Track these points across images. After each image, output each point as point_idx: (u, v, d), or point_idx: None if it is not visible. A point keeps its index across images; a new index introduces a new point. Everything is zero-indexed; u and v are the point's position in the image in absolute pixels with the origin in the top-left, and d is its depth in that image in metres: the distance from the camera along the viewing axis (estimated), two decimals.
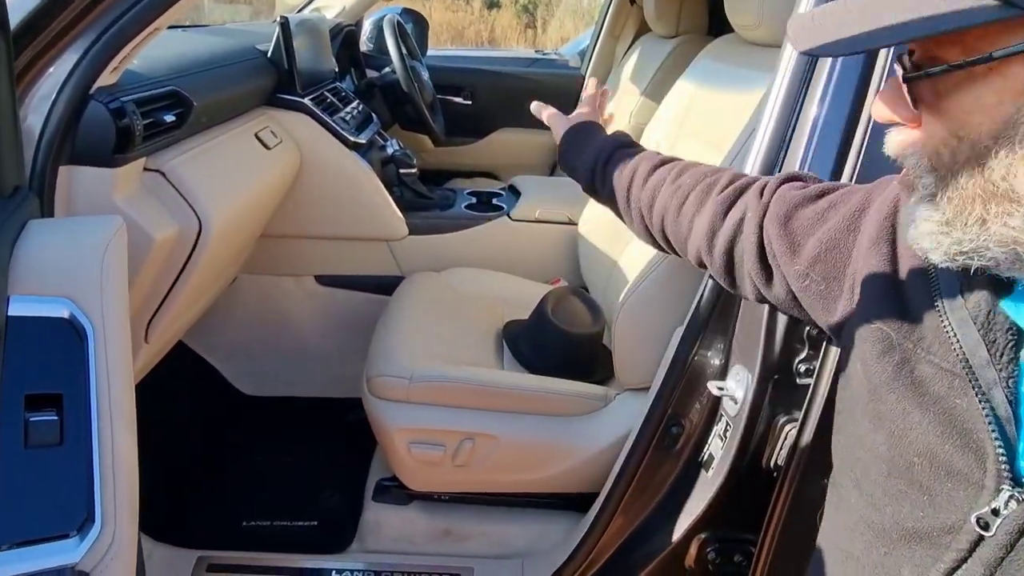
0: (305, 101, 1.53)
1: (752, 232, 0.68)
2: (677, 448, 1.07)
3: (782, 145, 0.92)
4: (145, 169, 1.02)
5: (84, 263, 0.63)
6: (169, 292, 1.11)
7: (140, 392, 0.73)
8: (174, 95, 1.06)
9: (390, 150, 1.80)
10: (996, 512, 0.42)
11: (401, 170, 1.77)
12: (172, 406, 1.59)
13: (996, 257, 0.40)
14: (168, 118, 1.02)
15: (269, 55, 1.50)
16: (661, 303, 1.12)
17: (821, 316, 0.63)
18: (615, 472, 1.12)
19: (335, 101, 1.69)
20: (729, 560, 1.07)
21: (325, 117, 1.55)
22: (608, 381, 1.33)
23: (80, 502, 0.60)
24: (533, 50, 3.32)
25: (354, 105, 1.79)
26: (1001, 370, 0.44)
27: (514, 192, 1.89)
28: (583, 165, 0.91)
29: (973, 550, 0.44)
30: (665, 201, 0.79)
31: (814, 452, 0.91)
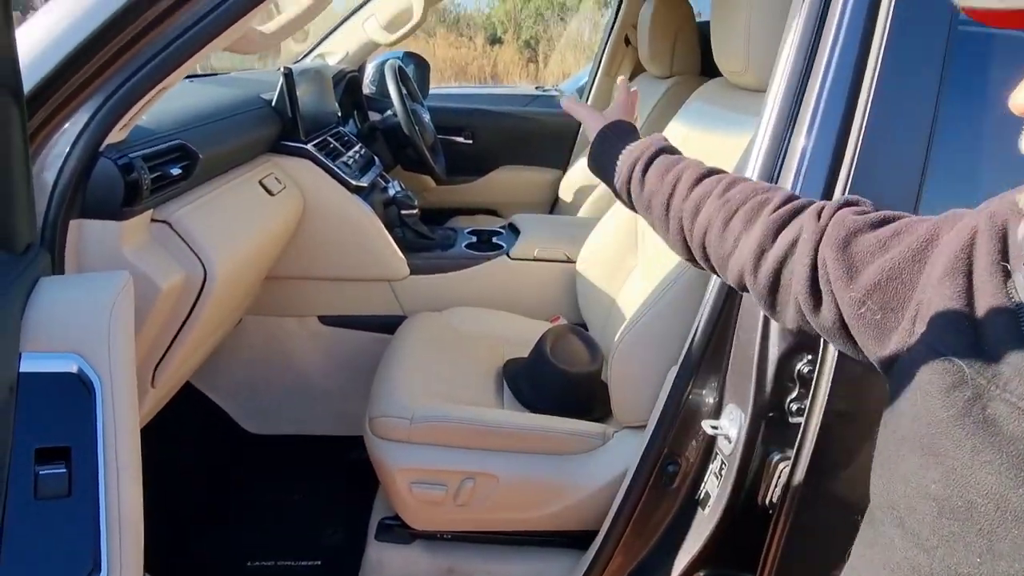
0: (308, 147, 1.57)
1: (806, 254, 0.65)
2: (674, 486, 1.08)
3: (771, 179, 0.95)
4: (152, 220, 1.06)
5: (93, 320, 0.66)
6: (175, 338, 1.14)
7: (144, 431, 0.75)
8: (181, 148, 1.10)
9: (392, 191, 1.84)
10: None
11: (402, 211, 1.81)
12: (177, 445, 1.60)
13: None
14: (175, 171, 1.06)
15: (273, 104, 1.55)
16: (656, 342, 1.14)
17: (872, 347, 0.60)
18: (613, 510, 1.13)
19: (338, 146, 1.74)
20: None
21: (328, 162, 1.59)
22: (607, 419, 1.34)
23: (87, 552, 0.62)
24: (534, 86, 3.40)
25: (356, 149, 1.84)
26: None
27: (513, 230, 1.93)
28: (619, 167, 0.86)
29: None
30: (710, 214, 0.75)
31: (807, 489, 0.92)
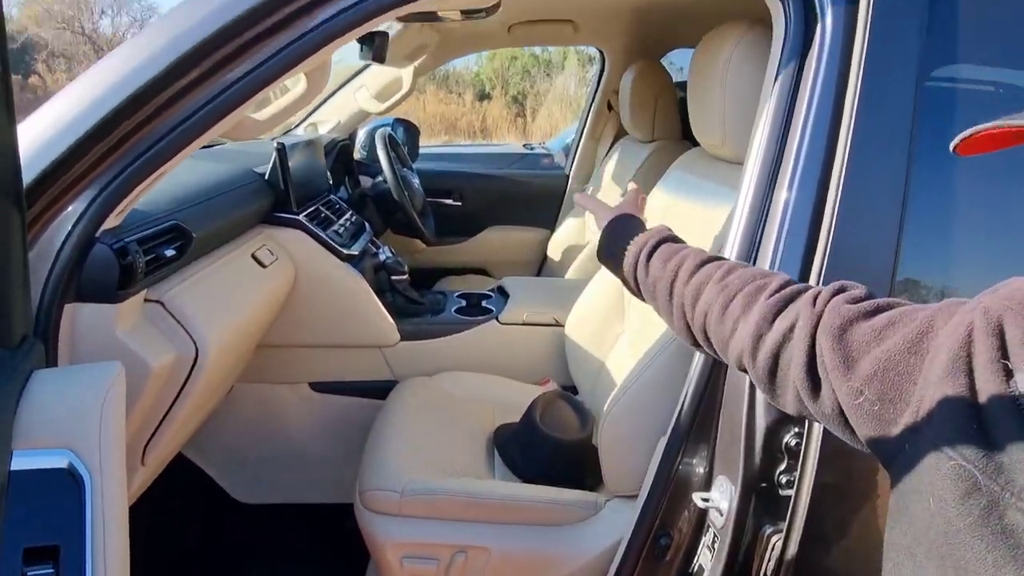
0: (300, 218, 1.60)
1: (803, 340, 0.66)
2: (667, 559, 1.07)
3: (753, 242, 0.98)
4: (145, 300, 1.07)
5: (84, 415, 0.66)
6: (166, 416, 1.14)
7: (132, 504, 0.74)
8: (175, 229, 1.12)
9: (382, 257, 1.87)
10: None
11: (393, 277, 1.83)
12: (165, 515, 1.58)
13: None
14: (169, 252, 1.08)
15: (267, 177, 1.58)
16: (645, 412, 1.15)
17: (871, 438, 0.59)
18: None
19: (329, 215, 1.77)
20: None
21: (319, 232, 1.62)
22: (599, 487, 1.34)
23: None
24: (522, 144, 3.48)
25: (347, 216, 1.88)
26: None
27: (503, 294, 1.95)
28: (625, 256, 0.89)
29: None
30: (710, 299, 0.77)
31: (800, 563, 0.92)
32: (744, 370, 0.74)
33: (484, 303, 1.91)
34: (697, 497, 1.00)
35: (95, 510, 0.65)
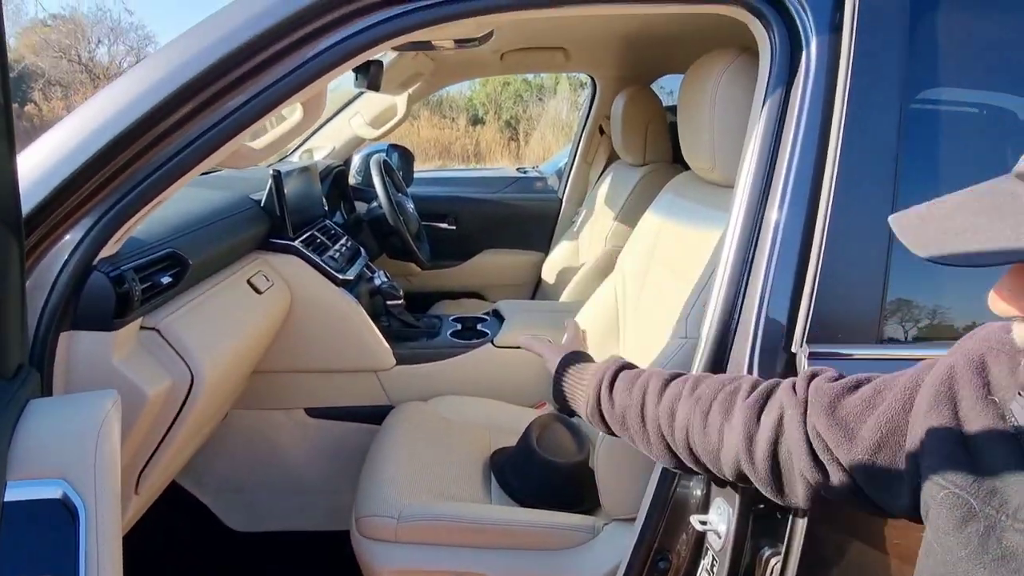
0: (296, 244, 1.61)
1: (796, 429, 0.66)
2: None
3: (745, 264, 0.99)
4: (142, 327, 1.07)
5: (79, 445, 0.66)
6: (161, 443, 1.13)
7: (125, 534, 0.73)
8: (171, 256, 1.12)
9: (377, 281, 1.88)
10: None
11: (388, 301, 1.84)
12: (158, 545, 1.56)
13: None
14: (165, 280, 1.08)
15: (262, 204, 1.59)
16: None
17: (889, 502, 0.60)
18: None
19: (325, 240, 1.78)
20: None
21: (315, 257, 1.63)
22: (596, 510, 1.33)
23: None
24: (515, 168, 3.52)
25: (343, 242, 1.89)
26: None
27: (498, 317, 1.96)
28: (586, 392, 0.88)
29: None
30: (687, 414, 0.76)
31: None
32: (744, 479, 0.73)
33: (479, 326, 1.91)
34: (695, 520, 1.00)
35: (89, 541, 0.64)
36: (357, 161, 2.61)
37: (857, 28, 0.93)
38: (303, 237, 1.67)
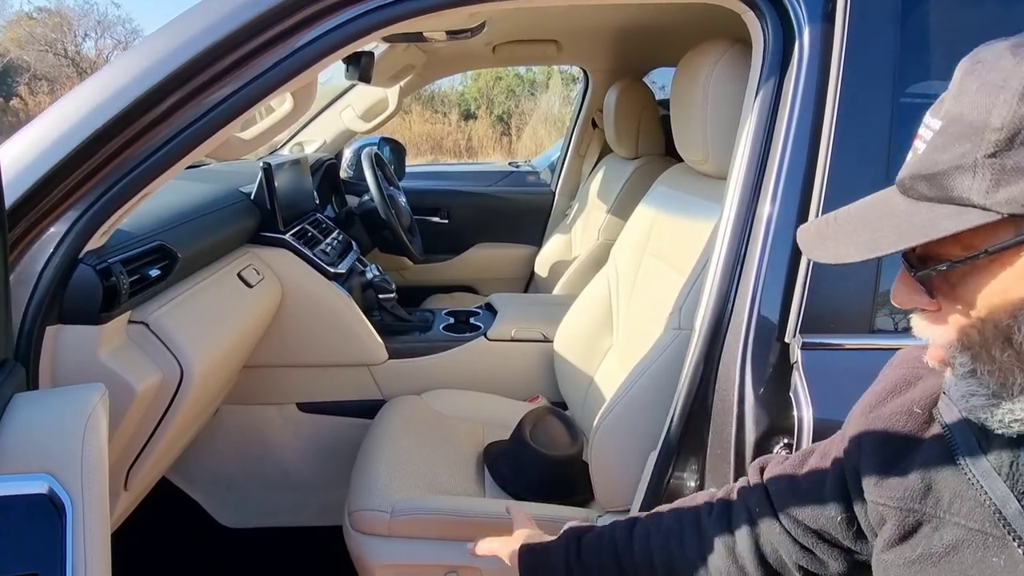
0: (287, 237, 1.60)
1: (771, 524, 0.67)
2: None
3: (738, 255, 0.99)
4: (130, 322, 1.06)
5: (65, 439, 0.65)
6: (150, 439, 1.12)
7: (115, 531, 0.72)
8: (160, 249, 1.11)
9: (369, 275, 1.87)
10: None
11: (380, 295, 1.83)
12: (148, 542, 1.55)
13: None
14: (153, 273, 1.07)
15: (253, 197, 1.58)
16: (634, 427, 1.15)
17: (878, 541, 0.59)
18: None
19: (316, 233, 1.77)
20: None
21: (306, 251, 1.62)
22: (590, 503, 1.33)
23: None
24: (507, 162, 3.50)
25: (334, 235, 1.87)
26: None
27: (491, 310, 1.95)
28: (554, 568, 0.86)
29: None
30: (663, 551, 0.76)
31: None
32: None
33: (472, 320, 1.91)
34: None
35: (76, 537, 0.63)
36: (348, 155, 2.59)
37: (850, 18, 0.93)
38: (294, 230, 1.66)
